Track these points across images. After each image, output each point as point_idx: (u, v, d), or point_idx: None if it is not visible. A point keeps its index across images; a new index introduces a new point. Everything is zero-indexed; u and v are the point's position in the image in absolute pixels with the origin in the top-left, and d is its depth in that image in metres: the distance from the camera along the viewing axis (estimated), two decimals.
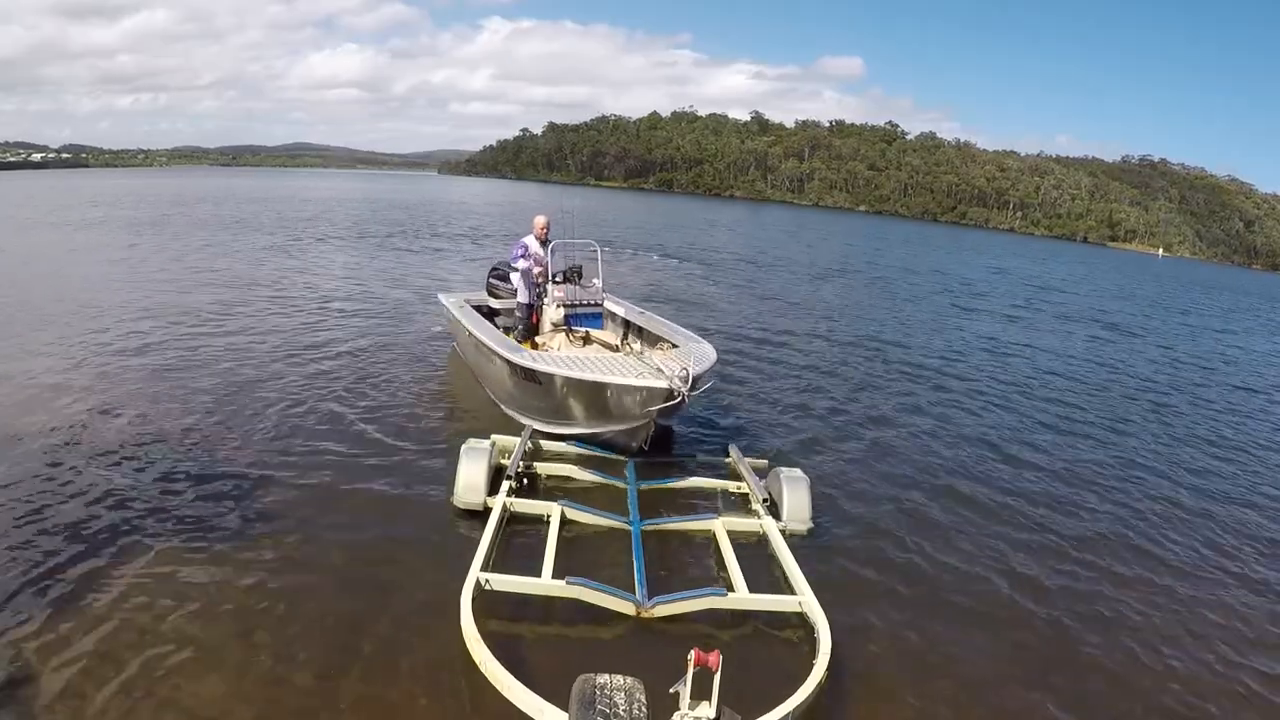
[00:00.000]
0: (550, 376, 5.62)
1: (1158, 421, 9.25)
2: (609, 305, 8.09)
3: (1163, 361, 13.93)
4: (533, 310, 7.64)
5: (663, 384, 5.12)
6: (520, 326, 7.65)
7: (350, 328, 10.10)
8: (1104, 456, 7.52)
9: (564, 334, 7.12)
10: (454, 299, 8.37)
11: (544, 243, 7.66)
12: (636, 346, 6.97)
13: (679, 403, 5.12)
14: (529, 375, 5.83)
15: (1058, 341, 14.60)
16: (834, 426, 7.50)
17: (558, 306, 7.37)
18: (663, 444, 6.17)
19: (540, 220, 7.73)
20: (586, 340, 7.00)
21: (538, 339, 7.34)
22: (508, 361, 6.06)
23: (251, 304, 11.26)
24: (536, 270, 7.53)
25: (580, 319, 7.42)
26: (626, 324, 7.95)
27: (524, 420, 6.33)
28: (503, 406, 6.76)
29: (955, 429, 7.84)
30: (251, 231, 22.39)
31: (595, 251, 8.21)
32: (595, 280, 7.79)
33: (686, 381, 5.07)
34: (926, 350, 12.08)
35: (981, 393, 9.55)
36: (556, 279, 7.54)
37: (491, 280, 8.70)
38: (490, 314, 8.36)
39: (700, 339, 6.80)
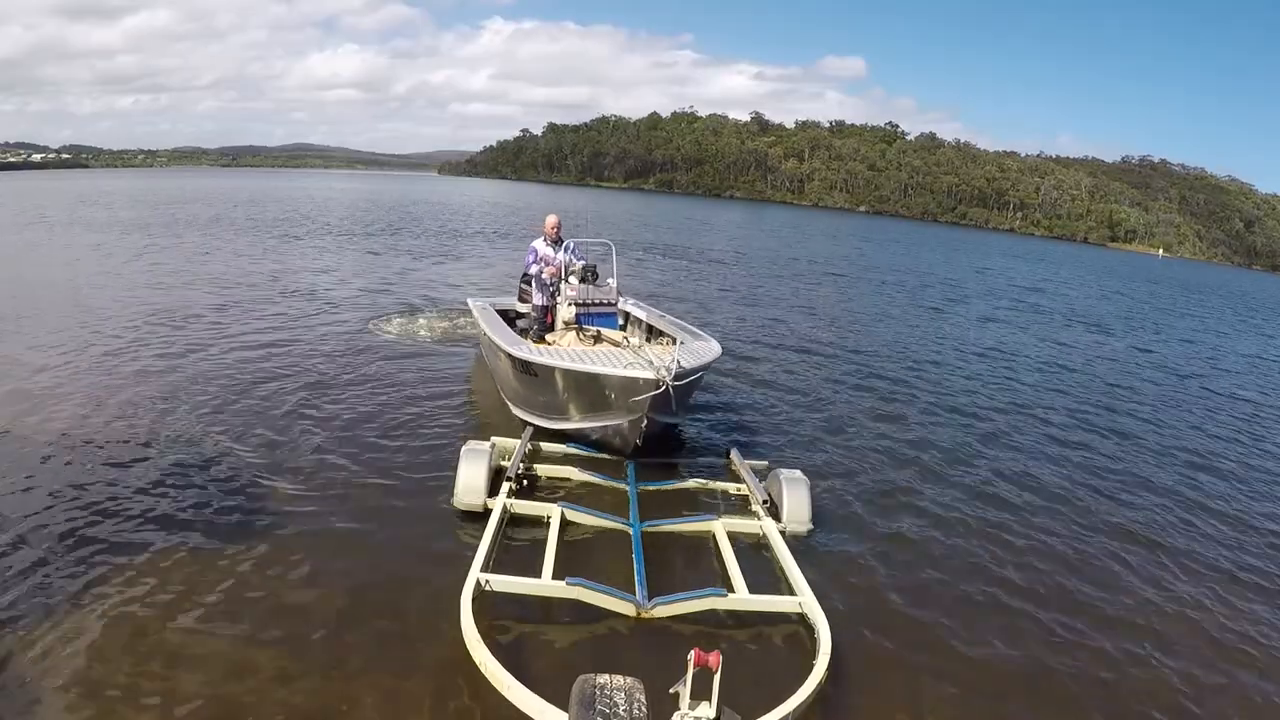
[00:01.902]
0: (542, 368, 5.75)
1: (1162, 426, 9.25)
2: (629, 306, 8.19)
3: (1151, 367, 13.93)
4: (548, 311, 7.71)
5: (647, 374, 5.14)
6: (535, 327, 7.76)
7: (346, 329, 10.11)
8: (1109, 460, 7.52)
9: (574, 332, 7.17)
10: (480, 302, 8.47)
11: (556, 242, 7.71)
12: (635, 341, 6.99)
13: (663, 392, 5.14)
14: (526, 368, 5.98)
15: (1056, 346, 14.63)
16: (833, 428, 7.51)
17: (569, 305, 7.43)
18: (663, 445, 6.18)
19: (550, 220, 7.78)
20: (598, 339, 7.03)
21: (549, 337, 7.40)
22: (508, 356, 6.18)
23: (245, 306, 11.26)
24: (549, 271, 7.59)
25: (592, 318, 7.45)
26: (644, 325, 7.99)
27: (529, 419, 6.39)
28: (510, 405, 6.82)
29: (954, 430, 7.85)
30: (251, 232, 22.42)
31: (610, 251, 8.23)
32: (610, 280, 7.81)
33: (670, 372, 5.09)
34: (925, 353, 12.10)
35: (980, 396, 9.56)
36: (571, 279, 7.59)
37: (522, 286, 8.78)
38: (516, 318, 8.50)
39: (709, 337, 6.81)
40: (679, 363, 5.27)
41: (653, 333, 7.85)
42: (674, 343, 6.76)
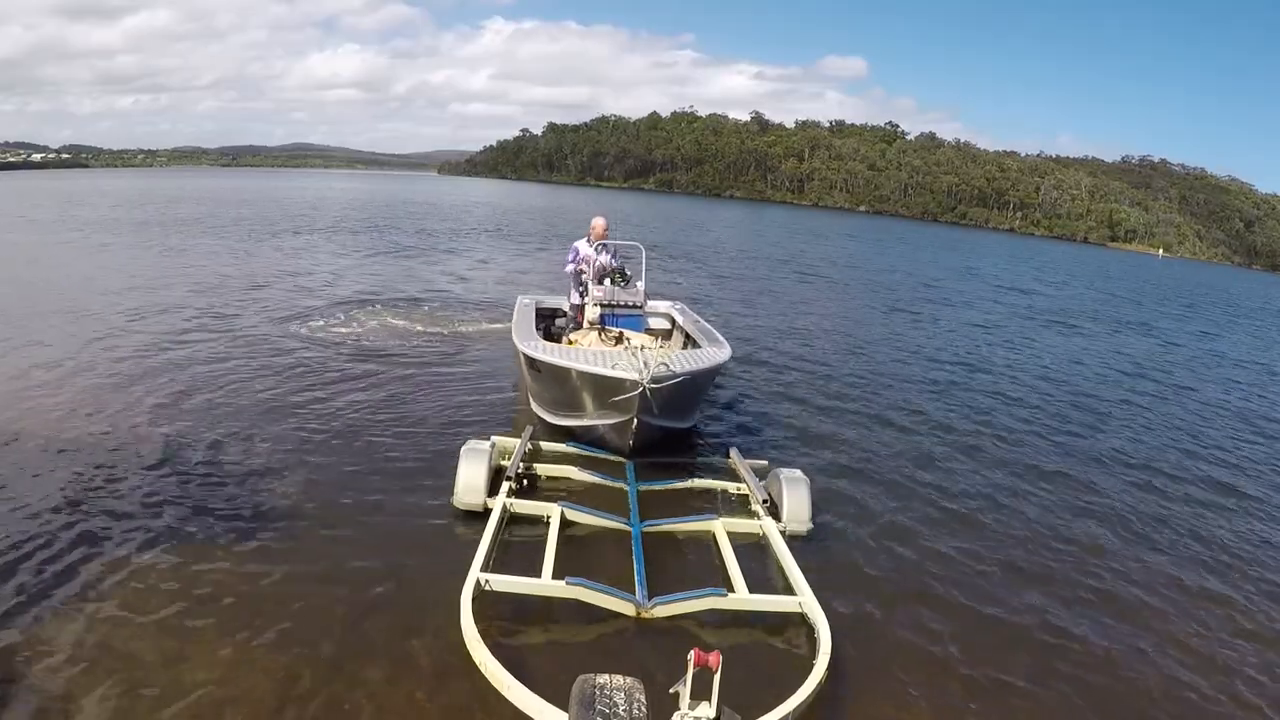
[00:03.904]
0: (542, 363, 5.85)
1: (1161, 430, 9.25)
2: (675, 312, 8.31)
3: (1139, 370, 13.93)
4: (581, 310, 7.79)
5: (629, 375, 5.17)
6: (570, 325, 7.88)
7: (341, 327, 10.09)
8: (1112, 460, 7.52)
9: (596, 332, 7.19)
10: (526, 299, 8.55)
11: (602, 245, 7.85)
12: (637, 342, 7.00)
13: (641, 394, 5.16)
14: (531, 363, 6.13)
15: (1062, 345, 14.65)
16: (834, 428, 7.50)
17: (594, 305, 7.48)
18: (662, 445, 6.17)
19: (599, 223, 7.90)
20: (619, 340, 7.06)
21: (570, 335, 7.43)
22: (518, 350, 6.33)
23: (236, 304, 11.24)
24: (585, 271, 7.68)
25: (617, 319, 7.49)
26: (684, 331, 8.01)
27: (542, 414, 6.48)
28: (530, 400, 6.89)
29: (955, 430, 7.84)
30: (245, 232, 22.44)
31: (640, 254, 8.26)
32: (638, 283, 7.84)
33: (647, 375, 5.11)
34: (924, 353, 12.11)
35: (981, 393, 9.57)
36: (605, 280, 7.68)
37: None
38: (559, 315, 8.65)
39: (723, 342, 6.82)
40: (666, 367, 5.28)
41: (688, 338, 7.88)
42: (692, 347, 6.80)
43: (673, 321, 8.33)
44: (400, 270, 16.31)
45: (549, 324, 8.38)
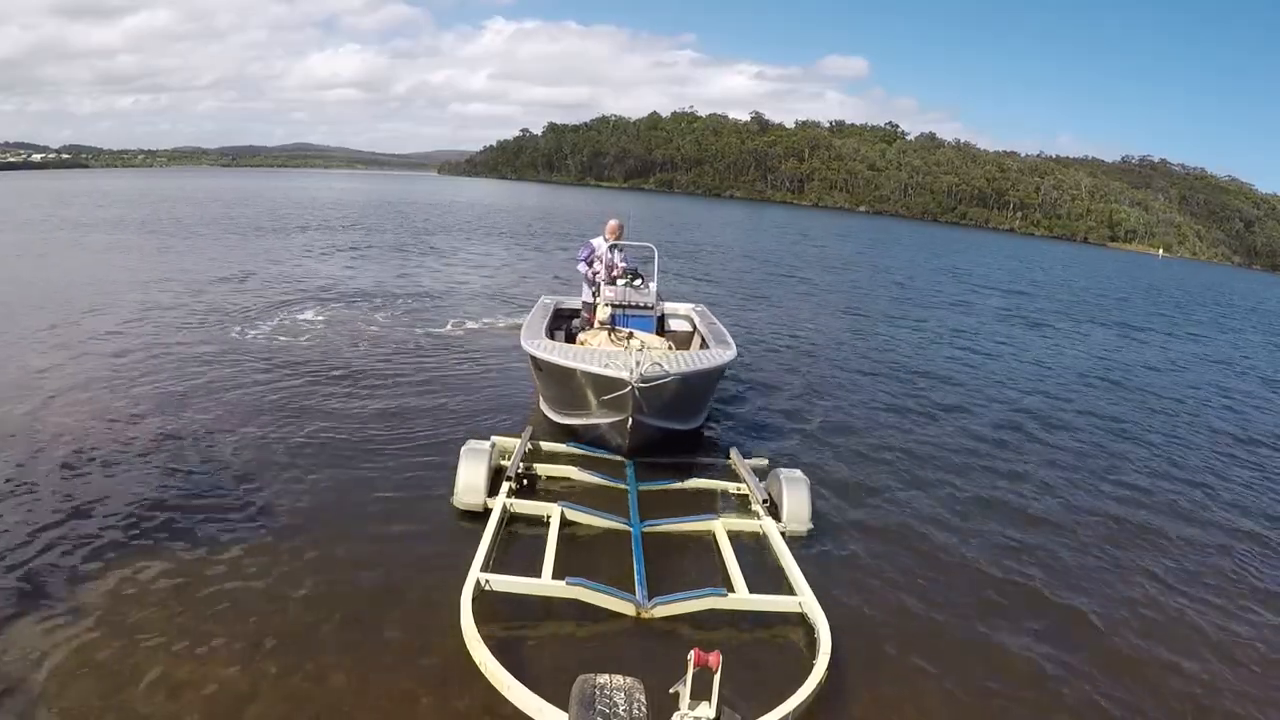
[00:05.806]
0: (542, 361, 5.89)
1: (1163, 433, 9.23)
2: (686, 311, 8.41)
3: (1169, 368, 13.92)
4: (592, 310, 7.85)
5: (617, 374, 5.19)
6: (582, 325, 7.95)
7: (339, 326, 10.10)
8: (1114, 462, 7.52)
9: (606, 332, 7.21)
10: (548, 300, 8.58)
11: (614, 246, 7.87)
12: (636, 343, 6.99)
13: (629, 392, 5.17)
14: (534, 361, 6.19)
15: (1057, 345, 14.64)
16: (834, 428, 7.50)
17: (605, 305, 7.50)
18: (662, 445, 6.17)
19: (612, 224, 7.98)
20: (629, 340, 7.07)
21: (581, 335, 7.44)
22: (522, 348, 6.39)
23: (238, 303, 11.24)
24: (593, 271, 7.80)
25: (628, 320, 7.51)
26: (699, 333, 8.03)
27: (548, 413, 6.50)
28: (539, 399, 6.91)
29: (955, 430, 7.84)
30: (248, 229, 22.44)
31: (652, 255, 8.27)
32: (650, 284, 7.85)
33: (634, 374, 5.12)
34: (924, 352, 12.12)
35: (981, 394, 9.57)
36: (619, 280, 7.72)
37: None
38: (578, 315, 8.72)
39: (730, 345, 6.83)
40: (659, 366, 5.28)
41: (703, 340, 7.86)
42: (701, 347, 6.81)
43: (693, 324, 8.36)
44: (398, 270, 16.32)
45: (568, 324, 8.40)
